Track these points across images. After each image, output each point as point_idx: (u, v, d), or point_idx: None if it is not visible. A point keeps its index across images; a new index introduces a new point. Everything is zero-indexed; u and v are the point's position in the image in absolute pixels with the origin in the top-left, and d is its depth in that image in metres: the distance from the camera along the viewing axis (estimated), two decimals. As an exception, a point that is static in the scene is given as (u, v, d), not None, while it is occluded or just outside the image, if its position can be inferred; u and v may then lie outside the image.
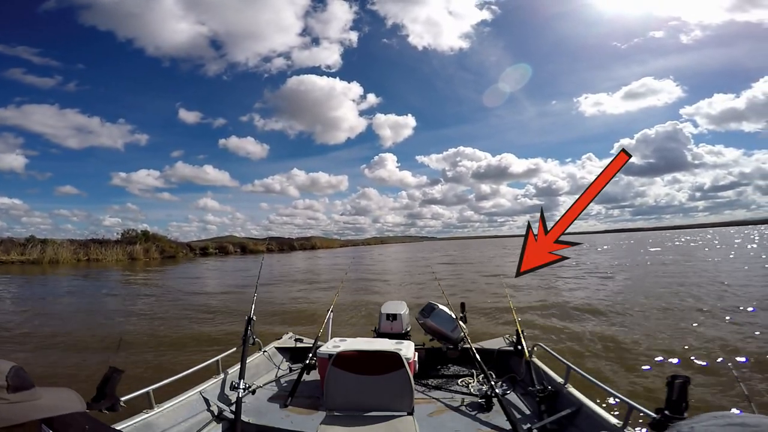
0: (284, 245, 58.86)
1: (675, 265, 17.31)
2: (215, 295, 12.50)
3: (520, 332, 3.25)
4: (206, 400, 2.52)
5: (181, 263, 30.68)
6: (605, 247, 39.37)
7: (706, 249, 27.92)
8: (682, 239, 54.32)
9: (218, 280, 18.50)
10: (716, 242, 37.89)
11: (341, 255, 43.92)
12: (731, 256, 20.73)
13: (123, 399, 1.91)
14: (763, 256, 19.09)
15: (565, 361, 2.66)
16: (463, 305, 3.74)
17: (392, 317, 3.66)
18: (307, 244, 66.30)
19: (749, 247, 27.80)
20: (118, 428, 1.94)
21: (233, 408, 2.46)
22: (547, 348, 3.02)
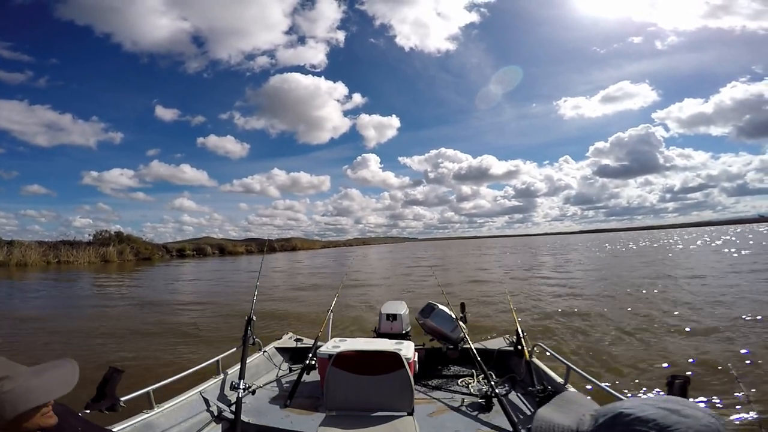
0: (263, 247, 58.15)
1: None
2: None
3: (520, 332, 3.25)
4: (206, 401, 2.52)
5: (158, 265, 29.98)
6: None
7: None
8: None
9: (216, 282, 18.53)
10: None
11: (322, 256, 43.61)
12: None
13: (123, 399, 1.91)
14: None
15: (565, 361, 2.67)
16: (463, 305, 3.74)
17: (392, 317, 3.66)
18: (288, 245, 65.14)
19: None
20: (117, 428, 1.94)
21: (233, 408, 2.46)
22: (547, 348, 3.02)
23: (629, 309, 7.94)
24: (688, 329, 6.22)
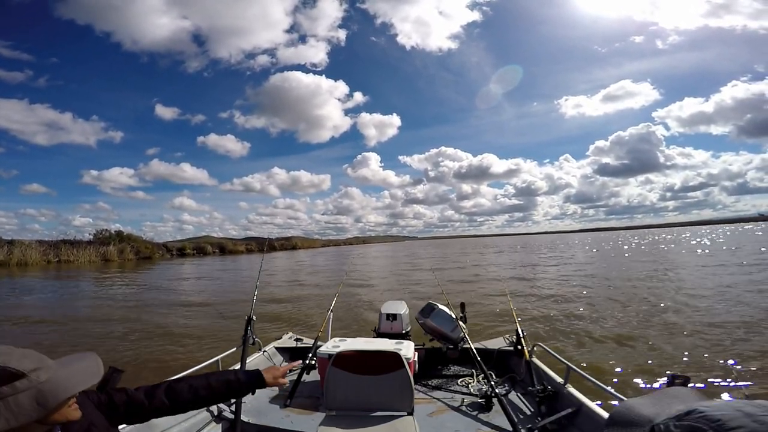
0: (263, 246, 57.94)
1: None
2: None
3: (520, 332, 3.25)
4: None
5: (159, 264, 29.83)
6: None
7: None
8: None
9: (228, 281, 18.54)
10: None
11: (322, 255, 43.37)
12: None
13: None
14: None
15: (565, 361, 2.67)
16: (463, 305, 3.74)
17: (392, 317, 3.66)
18: (288, 244, 64.53)
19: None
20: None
21: (233, 408, 2.46)
22: (547, 348, 3.02)
23: (626, 306, 7.96)
24: (687, 327, 6.23)
